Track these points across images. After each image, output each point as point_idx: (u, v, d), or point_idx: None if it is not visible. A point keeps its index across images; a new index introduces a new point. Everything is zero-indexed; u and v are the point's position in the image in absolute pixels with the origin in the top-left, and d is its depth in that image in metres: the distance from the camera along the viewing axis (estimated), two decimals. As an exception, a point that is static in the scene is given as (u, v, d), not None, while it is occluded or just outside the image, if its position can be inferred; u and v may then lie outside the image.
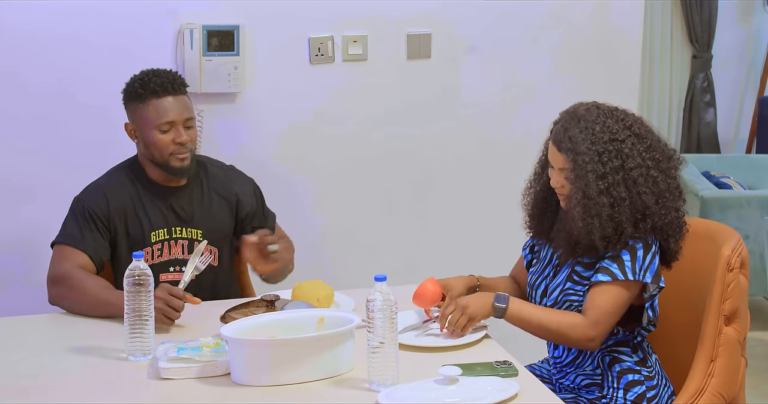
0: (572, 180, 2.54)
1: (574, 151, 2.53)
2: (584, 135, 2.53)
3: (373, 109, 3.91)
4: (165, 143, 2.96)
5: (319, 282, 2.83)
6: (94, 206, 2.98)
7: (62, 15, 3.54)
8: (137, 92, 2.98)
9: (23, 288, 3.60)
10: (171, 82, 2.97)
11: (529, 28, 4.01)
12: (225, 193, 3.11)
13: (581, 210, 2.51)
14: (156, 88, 2.95)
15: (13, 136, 3.57)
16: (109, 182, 3.05)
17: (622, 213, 2.50)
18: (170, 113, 2.96)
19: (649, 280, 2.52)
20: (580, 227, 2.51)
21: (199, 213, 3.06)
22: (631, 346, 2.64)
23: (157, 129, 2.96)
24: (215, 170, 3.14)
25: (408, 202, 4.01)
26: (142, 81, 2.98)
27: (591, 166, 2.51)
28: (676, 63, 6.54)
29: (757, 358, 4.50)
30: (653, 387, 2.61)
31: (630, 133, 2.55)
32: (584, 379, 2.66)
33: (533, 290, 2.73)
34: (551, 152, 2.60)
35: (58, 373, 2.47)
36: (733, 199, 5.02)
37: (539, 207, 2.74)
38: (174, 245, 3.03)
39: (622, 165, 2.52)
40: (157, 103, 2.96)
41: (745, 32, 6.73)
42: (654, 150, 2.57)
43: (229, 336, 2.37)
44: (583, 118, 2.56)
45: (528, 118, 3.98)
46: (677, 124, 6.70)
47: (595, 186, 2.51)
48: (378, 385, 2.29)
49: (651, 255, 2.53)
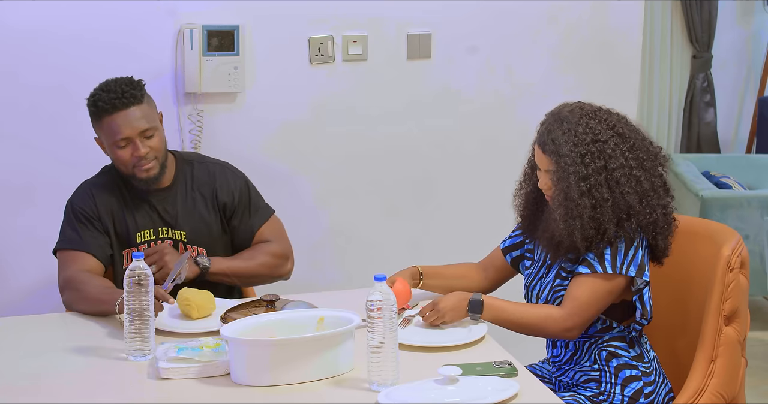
0: (555, 182, 2.58)
1: (557, 154, 2.57)
2: (567, 137, 2.56)
3: (373, 109, 3.91)
4: (125, 158, 2.94)
5: (204, 292, 2.82)
6: (84, 206, 3.00)
7: (62, 15, 3.54)
8: (91, 110, 2.95)
9: (23, 288, 3.60)
10: (120, 95, 2.90)
11: (530, 29, 4.01)
12: (206, 191, 3.09)
13: (563, 212, 2.55)
14: (105, 106, 2.90)
15: (13, 135, 3.56)
16: (96, 183, 3.07)
17: (604, 214, 2.54)
18: (123, 129, 2.91)
19: (632, 274, 2.56)
20: (561, 228, 2.55)
21: (182, 214, 3.05)
22: (627, 341, 2.66)
23: (115, 145, 2.93)
24: (201, 168, 3.12)
25: (408, 201, 4.01)
26: (93, 98, 2.94)
27: (573, 168, 2.55)
28: (676, 63, 6.53)
29: (757, 358, 4.50)
30: (650, 383, 2.63)
31: (613, 134, 2.58)
32: (582, 376, 2.67)
33: (529, 291, 2.76)
34: (537, 154, 2.64)
35: (58, 373, 2.47)
36: (733, 199, 5.02)
37: (530, 209, 2.77)
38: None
39: (604, 165, 2.55)
40: (110, 121, 2.91)
41: (745, 32, 6.72)
42: (638, 149, 2.60)
43: (229, 336, 2.37)
44: (566, 120, 2.59)
45: (528, 117, 3.96)
46: (677, 124, 6.69)
47: (576, 188, 2.54)
48: (378, 385, 2.29)
49: (634, 249, 2.56)
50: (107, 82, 2.97)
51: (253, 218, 3.13)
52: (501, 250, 2.91)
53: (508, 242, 2.90)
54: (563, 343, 2.72)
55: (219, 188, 3.10)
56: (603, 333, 2.65)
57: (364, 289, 2.37)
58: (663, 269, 2.68)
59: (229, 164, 3.21)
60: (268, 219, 3.16)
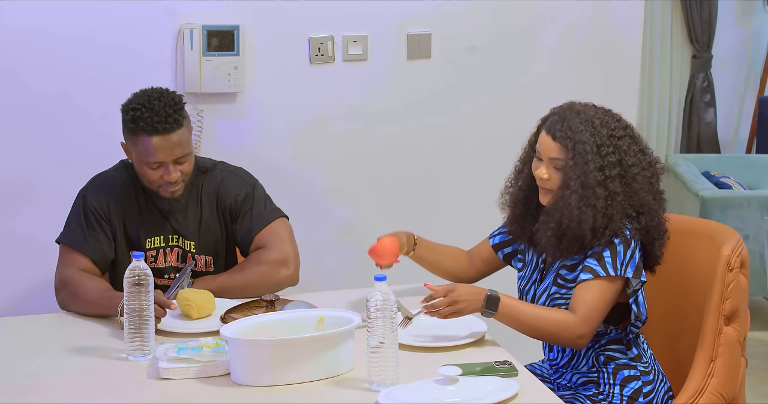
0: (570, 167, 2.55)
1: (573, 140, 2.55)
2: (584, 126, 2.56)
3: (373, 109, 3.91)
4: (154, 178, 2.88)
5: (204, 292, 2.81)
6: (96, 204, 2.95)
7: (62, 15, 3.53)
8: (129, 125, 2.86)
9: (22, 289, 3.60)
10: (164, 119, 2.82)
11: (530, 29, 4.01)
12: (212, 200, 3.03)
13: (577, 199, 2.53)
14: (146, 127, 2.81)
15: (13, 135, 3.56)
16: (113, 179, 3.00)
17: (615, 207, 2.53)
18: (159, 154, 2.83)
19: (630, 275, 2.54)
20: (574, 215, 2.52)
21: (192, 224, 3.01)
22: (624, 343, 2.65)
23: (146, 164, 2.87)
24: (210, 177, 3.04)
25: (408, 201, 4.01)
26: (134, 114, 2.83)
27: (591, 156, 2.54)
28: (676, 63, 6.53)
29: (757, 358, 4.50)
30: (649, 382, 2.62)
31: (626, 134, 2.60)
32: (581, 378, 2.67)
33: (524, 295, 2.74)
34: (543, 143, 2.61)
35: (58, 373, 2.47)
36: (733, 199, 5.02)
37: (521, 208, 2.74)
38: (170, 252, 3.01)
39: (619, 161, 2.55)
40: (147, 141, 2.82)
41: (745, 32, 6.72)
42: (646, 154, 2.61)
43: (229, 336, 2.37)
44: (583, 112, 2.59)
45: (528, 117, 3.95)
46: (677, 124, 6.69)
47: (593, 176, 2.53)
48: (378, 385, 2.29)
49: (631, 251, 2.55)
50: (149, 97, 2.86)
51: (252, 223, 3.03)
52: (492, 247, 2.88)
53: (498, 238, 2.88)
54: (560, 347, 2.70)
55: (222, 195, 3.03)
56: (600, 338, 2.64)
57: (364, 289, 2.37)
58: (663, 269, 2.68)
59: (242, 170, 3.12)
60: (270, 224, 3.03)
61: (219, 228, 3.04)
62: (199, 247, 3.02)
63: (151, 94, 2.89)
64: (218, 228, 3.04)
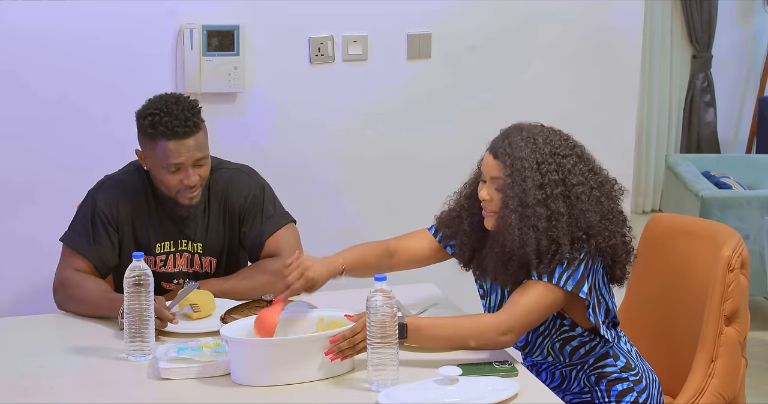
0: (508, 185, 2.44)
1: (512, 156, 2.45)
2: (525, 142, 2.47)
3: (373, 109, 3.91)
4: (173, 183, 2.85)
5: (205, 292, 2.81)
6: (105, 209, 2.92)
7: (62, 15, 3.53)
8: (146, 130, 2.83)
9: (23, 289, 3.60)
10: (183, 123, 2.80)
11: (530, 29, 4.00)
12: (219, 199, 3.00)
13: (517, 219, 2.41)
14: (166, 131, 2.79)
15: (13, 135, 3.56)
16: (124, 183, 2.96)
17: (560, 229, 2.41)
18: (180, 157, 2.81)
19: (569, 289, 2.42)
20: (515, 236, 2.41)
21: (199, 226, 2.98)
22: (611, 355, 2.58)
23: (165, 169, 2.84)
24: (216, 176, 3.00)
25: (408, 201, 4.01)
26: (153, 119, 2.81)
27: (529, 172, 2.43)
28: (676, 63, 6.54)
29: (757, 358, 4.50)
30: (642, 390, 2.58)
31: (572, 153, 2.49)
32: (573, 399, 2.62)
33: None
34: (486, 163, 2.53)
35: (58, 373, 2.47)
36: (733, 199, 5.02)
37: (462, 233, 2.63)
38: (179, 257, 2.99)
39: (563, 180, 2.44)
40: (166, 145, 2.80)
41: (745, 32, 6.73)
42: (596, 174, 2.50)
43: (229, 336, 2.37)
44: (526, 129, 2.51)
45: (529, 117, 3.95)
46: (677, 124, 6.70)
47: (532, 193, 2.42)
48: (378, 385, 2.29)
49: (576, 264, 2.43)
50: (167, 101, 2.84)
51: (263, 226, 2.99)
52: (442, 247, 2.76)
53: (440, 235, 2.76)
54: (549, 373, 2.64)
55: (230, 195, 3.00)
56: (587, 357, 2.57)
57: (364, 289, 2.37)
58: (663, 269, 2.68)
59: (248, 167, 3.10)
60: (281, 229, 3.00)
61: (224, 229, 3.02)
62: (206, 249, 3.00)
63: (168, 98, 2.87)
64: (225, 230, 3.02)
